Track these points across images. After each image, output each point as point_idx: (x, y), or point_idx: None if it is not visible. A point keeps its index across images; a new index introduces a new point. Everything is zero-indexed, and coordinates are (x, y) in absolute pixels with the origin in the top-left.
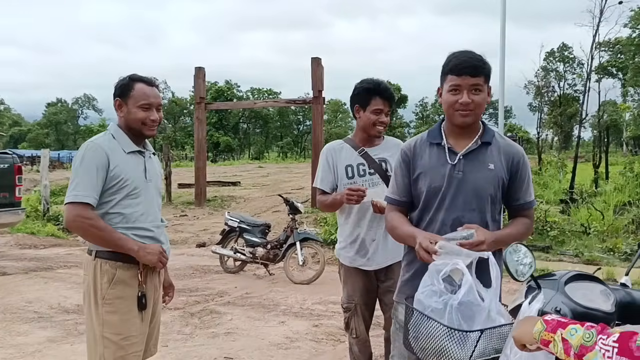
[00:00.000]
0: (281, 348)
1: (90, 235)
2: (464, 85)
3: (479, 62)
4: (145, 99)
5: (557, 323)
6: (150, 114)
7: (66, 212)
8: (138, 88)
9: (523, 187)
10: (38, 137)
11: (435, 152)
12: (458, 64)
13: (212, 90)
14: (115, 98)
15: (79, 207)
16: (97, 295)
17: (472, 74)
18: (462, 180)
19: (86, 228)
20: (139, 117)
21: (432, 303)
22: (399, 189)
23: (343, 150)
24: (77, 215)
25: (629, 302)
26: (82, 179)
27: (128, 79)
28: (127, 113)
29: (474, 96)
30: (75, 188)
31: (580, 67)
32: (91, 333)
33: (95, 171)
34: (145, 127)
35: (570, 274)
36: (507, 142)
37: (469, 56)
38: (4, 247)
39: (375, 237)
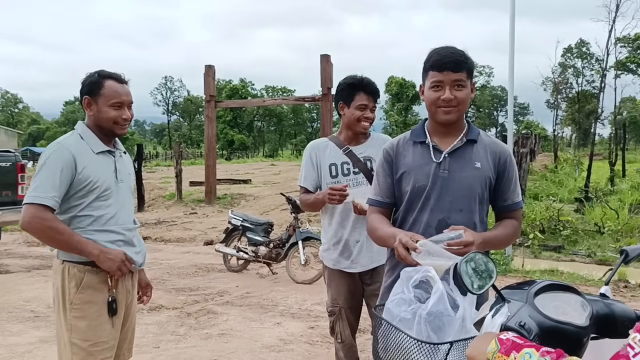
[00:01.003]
0: (274, 350)
1: (48, 238)
2: (446, 81)
3: (460, 57)
4: (117, 97)
5: (512, 344)
6: (122, 112)
7: (23, 212)
8: (108, 86)
9: (511, 186)
10: (56, 135)
11: (420, 150)
12: (439, 60)
13: (227, 88)
14: (84, 96)
15: (36, 208)
16: (65, 300)
17: (453, 69)
18: (447, 179)
19: (43, 230)
20: (110, 116)
21: (401, 312)
22: (382, 190)
23: (327, 148)
24: (34, 216)
25: (607, 315)
26: (44, 180)
27: (97, 75)
28: (97, 112)
29: (456, 92)
30: (35, 189)
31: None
32: (60, 339)
33: (59, 173)
34: (117, 126)
35: (542, 284)
36: (493, 140)
37: (450, 51)
38: (12, 245)
39: (360, 239)
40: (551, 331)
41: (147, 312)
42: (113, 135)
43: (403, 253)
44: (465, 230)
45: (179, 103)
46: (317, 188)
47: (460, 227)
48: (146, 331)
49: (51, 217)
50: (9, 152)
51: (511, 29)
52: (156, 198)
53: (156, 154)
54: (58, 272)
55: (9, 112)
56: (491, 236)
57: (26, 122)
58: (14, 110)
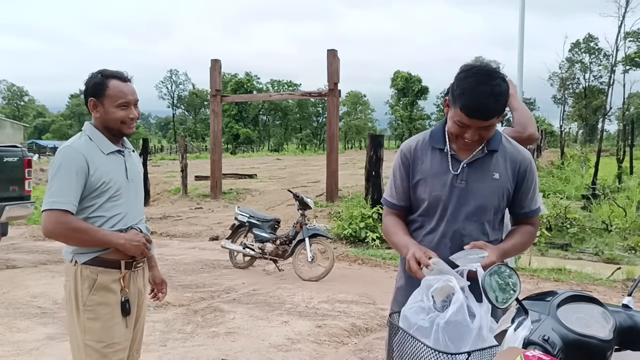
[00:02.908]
0: (281, 350)
1: (74, 239)
2: (473, 126)
3: (494, 105)
4: (123, 97)
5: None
6: (129, 112)
7: (45, 220)
8: (113, 86)
9: (529, 195)
10: (61, 128)
11: (438, 158)
12: (471, 108)
13: (232, 82)
14: (89, 98)
15: (56, 214)
16: (79, 302)
17: (484, 118)
18: (464, 191)
19: (68, 234)
20: (118, 117)
21: (418, 321)
22: (397, 194)
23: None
24: (56, 222)
25: (631, 326)
26: (60, 185)
27: (100, 76)
28: (103, 113)
29: (482, 132)
30: (52, 195)
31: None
32: (74, 341)
33: (74, 177)
34: (125, 126)
35: (565, 295)
36: (514, 147)
37: (486, 97)
38: (18, 239)
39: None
40: (575, 345)
41: (153, 310)
42: (121, 135)
43: (414, 267)
44: (486, 247)
45: (184, 96)
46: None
47: (479, 243)
48: (153, 329)
49: (71, 219)
50: (16, 147)
51: (521, 25)
52: (161, 192)
53: (161, 148)
54: (70, 274)
55: (15, 105)
56: (508, 247)
57: (32, 115)
58: (20, 103)
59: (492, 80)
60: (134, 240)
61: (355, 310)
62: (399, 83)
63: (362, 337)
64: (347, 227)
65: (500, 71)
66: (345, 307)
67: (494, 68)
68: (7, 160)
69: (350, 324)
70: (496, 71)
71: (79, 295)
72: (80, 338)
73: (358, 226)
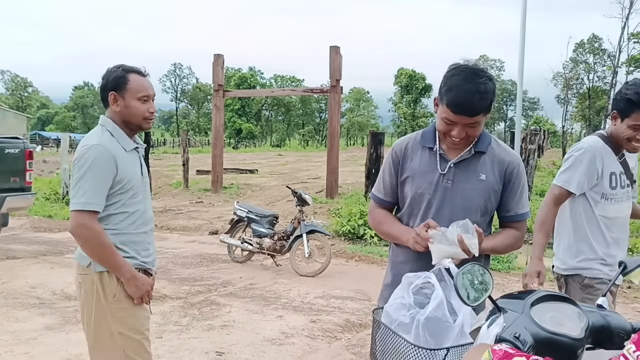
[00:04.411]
0: (275, 344)
1: (90, 248)
2: (459, 122)
3: (479, 102)
4: (144, 90)
5: (504, 354)
6: (149, 106)
7: (74, 218)
8: (134, 79)
9: (515, 198)
10: (65, 119)
11: (427, 156)
12: (456, 103)
13: (236, 77)
14: (109, 92)
15: (87, 216)
16: (107, 293)
17: (469, 114)
18: (450, 190)
19: (91, 240)
20: (140, 111)
21: (399, 317)
22: (385, 189)
23: (607, 153)
24: (85, 225)
25: (603, 326)
26: (91, 185)
27: (121, 70)
28: (124, 107)
29: (469, 129)
30: (83, 195)
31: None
32: (103, 333)
33: (104, 176)
34: (145, 121)
35: (539, 294)
36: (503, 149)
37: (471, 93)
38: (19, 230)
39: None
40: (546, 342)
41: (151, 302)
42: (139, 130)
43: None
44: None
45: (187, 90)
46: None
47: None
48: (150, 321)
49: (100, 230)
50: (18, 139)
51: (522, 25)
52: (163, 186)
53: (164, 141)
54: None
55: (19, 95)
56: (488, 246)
57: (35, 106)
58: (24, 94)
59: (478, 78)
60: (139, 281)
61: (350, 306)
62: (403, 80)
63: (355, 332)
64: (346, 223)
65: (488, 71)
66: (340, 302)
67: (481, 67)
68: (9, 151)
69: (344, 319)
70: (483, 70)
71: (107, 286)
72: (114, 329)
73: (357, 223)
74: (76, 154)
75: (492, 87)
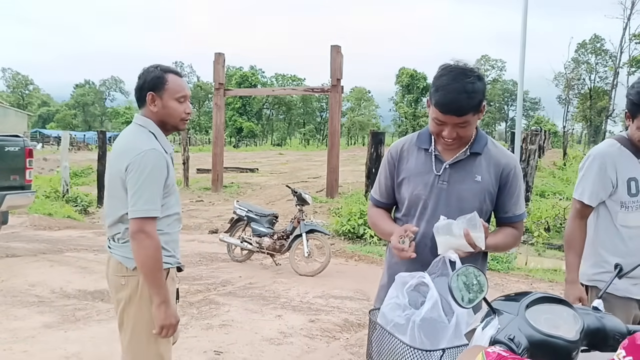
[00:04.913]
0: (273, 343)
1: (145, 255)
2: (449, 123)
3: (466, 102)
4: (182, 91)
5: (497, 357)
6: (186, 106)
7: (137, 224)
8: (172, 80)
9: (512, 199)
10: (66, 117)
11: (422, 158)
12: (443, 103)
13: (237, 75)
14: (148, 92)
15: (147, 223)
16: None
17: (457, 114)
18: (445, 191)
19: (147, 248)
20: (179, 111)
21: (395, 317)
22: (381, 191)
23: (622, 157)
24: (144, 231)
25: (598, 328)
26: (152, 191)
27: (159, 70)
28: (162, 107)
29: (459, 129)
30: (146, 202)
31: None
32: (142, 332)
33: (160, 181)
34: (182, 122)
35: (535, 296)
36: (500, 150)
37: (457, 92)
38: (19, 228)
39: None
40: (541, 345)
41: None
42: (174, 130)
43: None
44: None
45: None
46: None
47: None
48: None
49: (158, 242)
50: (18, 137)
51: (523, 25)
52: None
53: None
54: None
55: (20, 93)
56: (491, 243)
57: (36, 103)
58: (25, 91)
59: (466, 78)
60: (170, 310)
61: (349, 306)
62: (404, 80)
63: (354, 332)
64: (346, 223)
65: (479, 71)
66: (339, 302)
67: (471, 67)
68: (9, 149)
69: (343, 319)
70: (472, 69)
71: (147, 297)
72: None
73: (356, 223)
74: (129, 159)
75: (480, 87)
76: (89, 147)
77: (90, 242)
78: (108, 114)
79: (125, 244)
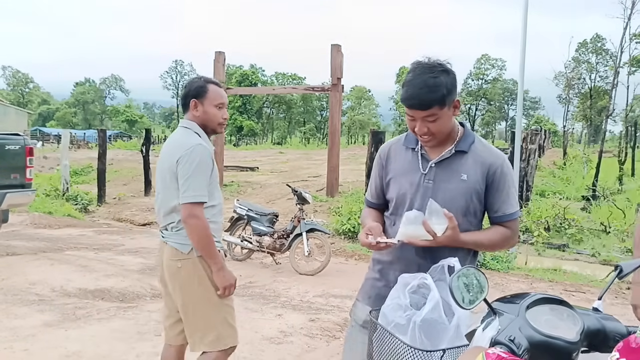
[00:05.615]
0: (273, 342)
1: (198, 235)
2: (417, 117)
3: (427, 95)
4: (220, 99)
5: (497, 358)
6: (223, 112)
7: (187, 209)
8: (212, 89)
9: (501, 197)
10: (66, 115)
11: (409, 157)
12: (405, 98)
13: (237, 74)
14: (191, 99)
15: (196, 207)
16: (208, 273)
17: (421, 108)
18: (431, 190)
19: (200, 229)
20: (216, 116)
21: (396, 318)
22: (371, 192)
23: None
24: (194, 215)
25: (599, 329)
26: (200, 180)
27: (203, 80)
28: (203, 112)
29: (429, 124)
30: (195, 189)
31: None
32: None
33: (207, 172)
34: (220, 126)
35: (535, 297)
36: (487, 149)
37: (419, 87)
38: (19, 226)
39: None
40: (541, 345)
41: (150, 299)
42: (212, 134)
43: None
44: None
45: None
46: None
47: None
48: (149, 318)
49: (206, 222)
50: (18, 136)
51: (524, 24)
52: None
53: (164, 138)
54: (196, 261)
55: (20, 91)
56: (470, 238)
57: (36, 102)
58: (25, 90)
59: (429, 73)
60: (227, 274)
61: (349, 305)
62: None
63: None
64: (346, 222)
65: (447, 65)
66: (339, 301)
67: (439, 62)
68: (9, 148)
69: (343, 318)
70: (439, 64)
71: (207, 268)
72: (216, 300)
73: (357, 222)
74: (179, 153)
75: (444, 80)
76: (89, 145)
77: (91, 241)
78: (108, 112)
79: (179, 231)
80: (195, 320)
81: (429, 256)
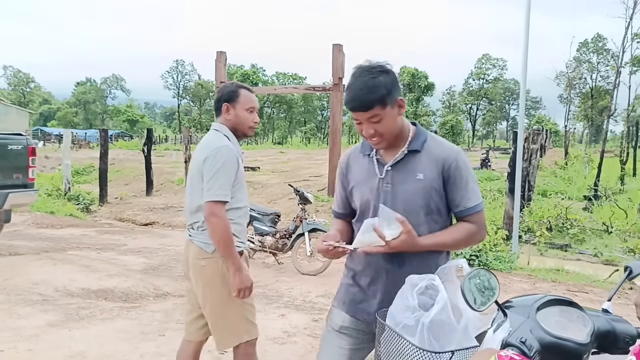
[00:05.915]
0: (277, 343)
1: (219, 233)
2: (361, 119)
3: (367, 96)
4: (251, 103)
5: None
6: (254, 116)
7: (210, 207)
8: (243, 94)
9: (460, 192)
10: (67, 115)
11: (366, 164)
12: (347, 101)
13: (238, 74)
14: (223, 102)
15: (219, 206)
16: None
17: (362, 110)
18: (390, 193)
19: (221, 227)
20: (248, 120)
21: (404, 319)
22: (337, 203)
23: None
24: (216, 213)
25: (609, 331)
26: (225, 180)
27: (235, 85)
28: (234, 116)
29: (375, 125)
30: (219, 188)
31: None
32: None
33: (231, 173)
34: (250, 129)
35: (545, 299)
36: (440, 145)
37: (359, 89)
38: (21, 226)
39: None
40: (552, 347)
41: (153, 299)
42: (243, 137)
43: (322, 248)
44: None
45: (189, 87)
46: None
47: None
48: (152, 319)
49: (228, 221)
50: (21, 135)
51: (526, 24)
52: (165, 183)
53: (165, 138)
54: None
55: (21, 91)
56: (429, 241)
57: (37, 101)
58: (26, 89)
59: (368, 74)
60: (244, 276)
61: None
62: (405, 78)
63: None
64: None
65: (386, 66)
66: None
67: (378, 64)
68: (12, 148)
69: None
70: (379, 65)
71: (226, 274)
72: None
73: None
74: (206, 153)
75: (383, 80)
76: (91, 145)
77: (93, 241)
78: (109, 112)
79: (204, 231)
80: (217, 319)
81: (396, 261)
